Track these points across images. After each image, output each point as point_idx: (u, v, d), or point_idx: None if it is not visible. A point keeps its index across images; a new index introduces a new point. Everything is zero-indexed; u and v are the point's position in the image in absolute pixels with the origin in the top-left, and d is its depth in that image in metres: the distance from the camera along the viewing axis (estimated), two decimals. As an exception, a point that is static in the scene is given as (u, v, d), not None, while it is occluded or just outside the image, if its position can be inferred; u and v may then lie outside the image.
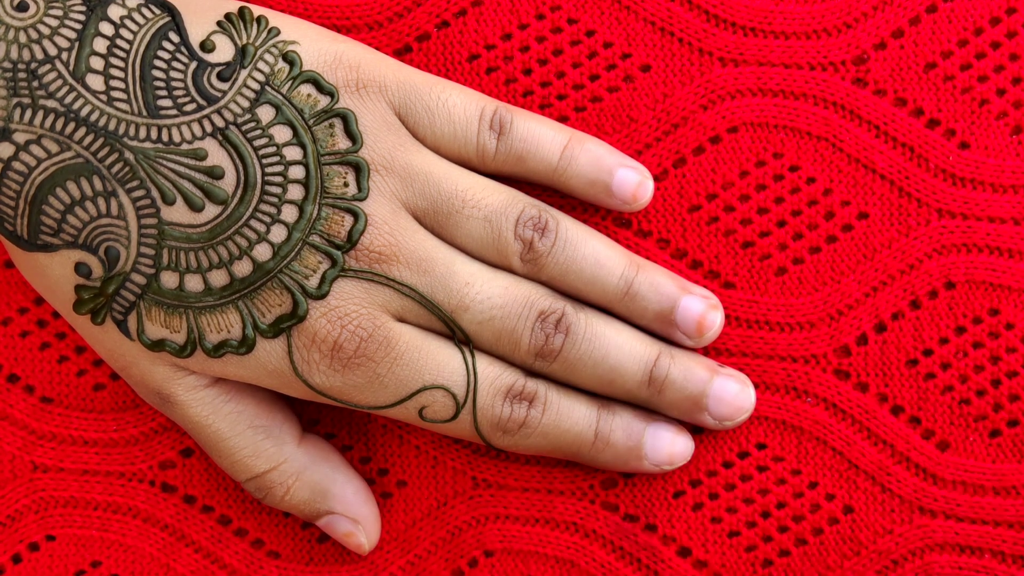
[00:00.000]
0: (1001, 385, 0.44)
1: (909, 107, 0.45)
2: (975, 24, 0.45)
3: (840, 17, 0.45)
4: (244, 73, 0.39)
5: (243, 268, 0.39)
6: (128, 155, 0.38)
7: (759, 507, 0.45)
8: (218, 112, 0.39)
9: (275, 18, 0.41)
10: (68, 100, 0.38)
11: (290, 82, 0.40)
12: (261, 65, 0.40)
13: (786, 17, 0.45)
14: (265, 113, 0.39)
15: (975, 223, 0.44)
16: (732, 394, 0.44)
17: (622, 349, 0.42)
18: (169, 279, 0.39)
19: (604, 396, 0.43)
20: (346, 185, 0.40)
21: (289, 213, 0.39)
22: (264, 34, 0.40)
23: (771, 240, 0.45)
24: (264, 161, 0.39)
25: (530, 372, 0.42)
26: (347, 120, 0.40)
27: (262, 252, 0.39)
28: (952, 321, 0.45)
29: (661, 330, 0.43)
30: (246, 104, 0.39)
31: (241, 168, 0.39)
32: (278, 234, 0.39)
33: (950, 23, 0.45)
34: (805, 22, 0.45)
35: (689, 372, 0.43)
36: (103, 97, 0.38)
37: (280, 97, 0.39)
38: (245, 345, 0.40)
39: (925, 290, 0.45)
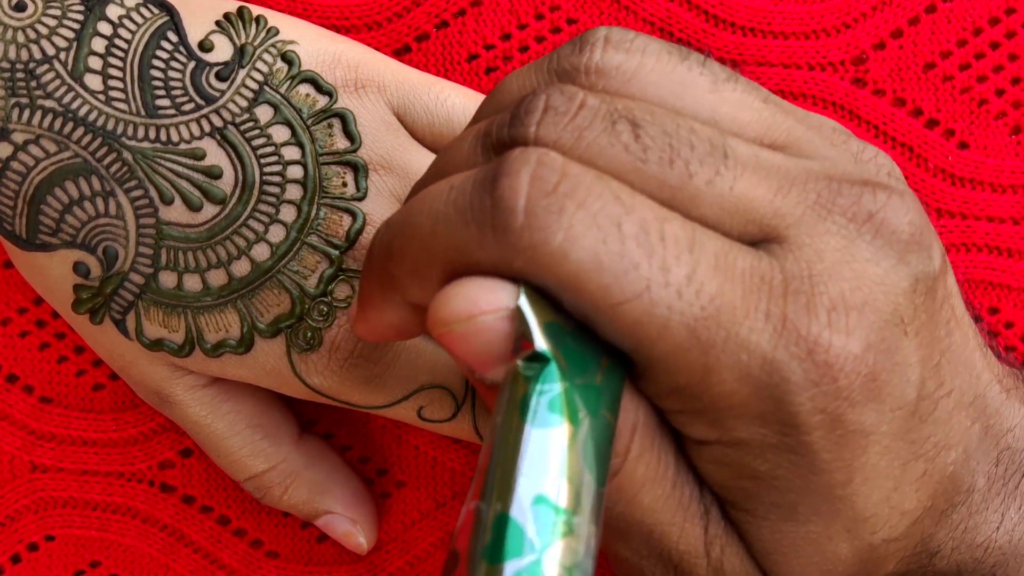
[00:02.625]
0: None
1: (908, 107, 0.45)
2: (974, 24, 0.45)
3: (839, 17, 0.45)
4: (243, 73, 0.39)
5: (241, 268, 0.39)
6: (126, 155, 0.38)
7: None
8: (216, 112, 0.39)
9: (274, 18, 0.41)
10: (66, 100, 0.38)
11: (288, 82, 0.40)
12: (260, 65, 0.40)
13: (785, 17, 0.45)
14: (263, 113, 0.39)
15: (974, 223, 0.44)
16: None
17: None
18: (167, 279, 0.39)
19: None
20: (344, 185, 0.40)
21: (287, 213, 0.39)
22: (263, 34, 0.40)
23: (770, 240, 0.45)
24: (262, 161, 0.39)
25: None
26: (345, 120, 0.40)
27: (260, 252, 0.39)
28: (951, 321, 0.45)
29: None
30: (244, 104, 0.39)
31: (239, 168, 0.39)
32: (276, 234, 0.39)
33: (949, 23, 0.45)
34: (804, 22, 0.45)
35: None
36: (101, 97, 0.38)
37: (278, 97, 0.39)
38: (243, 345, 0.40)
39: (924, 290, 0.45)
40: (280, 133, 0.39)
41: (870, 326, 0.30)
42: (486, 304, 0.29)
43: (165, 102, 0.39)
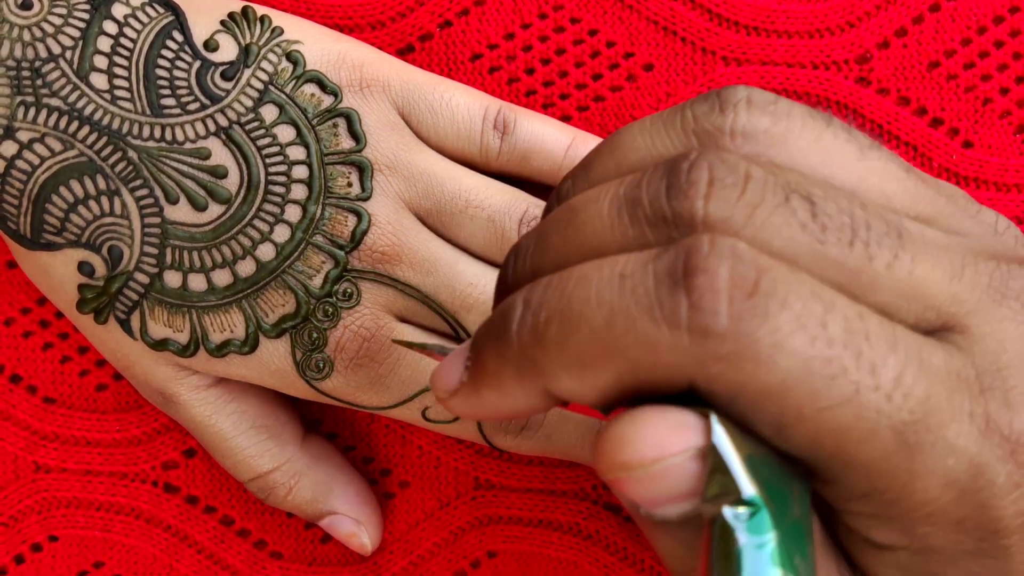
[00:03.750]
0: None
1: (912, 106, 0.45)
2: (978, 23, 0.45)
3: (843, 16, 0.45)
4: (248, 72, 0.39)
5: (246, 268, 0.39)
6: (131, 154, 0.38)
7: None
8: (222, 111, 0.39)
9: (278, 18, 0.41)
10: (72, 99, 0.38)
11: (294, 81, 0.40)
12: (265, 64, 0.40)
13: (789, 16, 0.45)
14: (269, 112, 0.39)
15: (979, 222, 0.44)
16: None
17: None
18: (172, 278, 0.39)
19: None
20: (349, 185, 0.40)
21: (292, 213, 0.39)
22: (267, 33, 0.40)
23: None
24: (267, 161, 0.39)
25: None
26: (351, 120, 0.40)
27: (265, 252, 0.39)
28: (955, 320, 0.45)
29: None
30: (250, 103, 0.39)
31: (244, 167, 0.39)
32: (281, 234, 0.39)
33: (953, 22, 0.45)
34: (808, 21, 0.45)
35: None
36: (107, 96, 0.38)
37: (284, 96, 0.39)
38: (248, 345, 0.39)
39: (928, 289, 0.45)
40: (285, 133, 0.39)
41: None
42: (674, 445, 0.27)
43: (170, 101, 0.39)
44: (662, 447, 0.26)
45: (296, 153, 0.39)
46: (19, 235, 0.39)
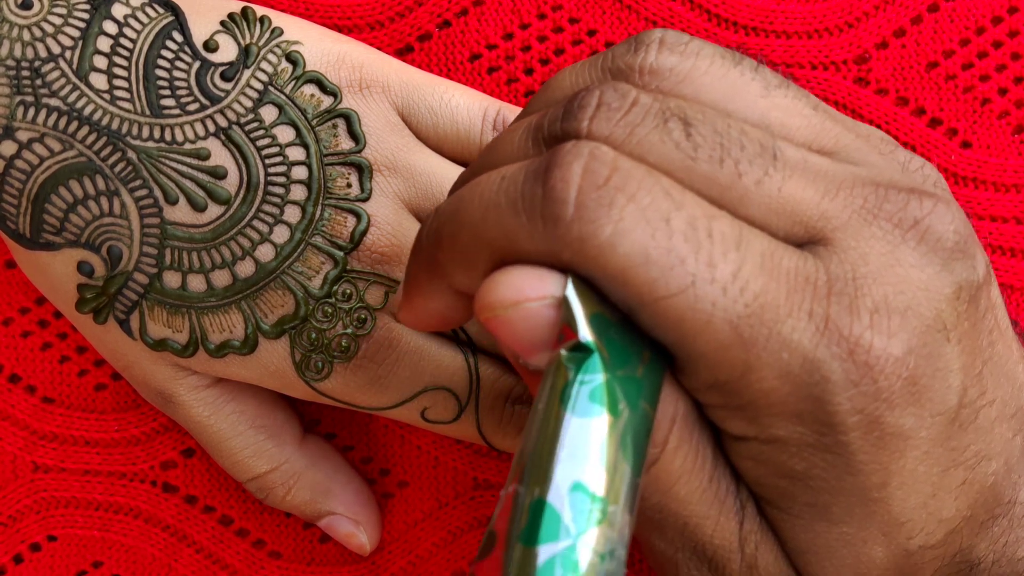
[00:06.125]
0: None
1: (911, 106, 0.45)
2: (977, 23, 0.45)
3: (842, 16, 0.45)
4: (247, 73, 0.39)
5: (246, 268, 0.39)
6: (131, 154, 0.38)
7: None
8: (221, 112, 0.39)
9: (278, 18, 0.41)
10: (71, 99, 0.38)
11: (293, 82, 0.40)
12: (264, 65, 0.39)
13: (788, 16, 0.45)
14: (268, 113, 0.39)
15: (977, 222, 0.45)
16: None
17: None
18: (172, 279, 0.39)
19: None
20: (349, 186, 0.40)
21: (292, 214, 0.39)
22: (267, 34, 0.40)
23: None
24: (267, 161, 0.39)
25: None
26: (350, 120, 0.40)
27: (265, 252, 0.39)
28: (954, 321, 0.45)
29: None
30: (249, 104, 0.39)
31: (244, 168, 0.39)
32: (281, 234, 0.39)
33: (952, 22, 0.45)
34: (807, 21, 0.45)
35: None
36: (106, 96, 0.38)
37: (283, 97, 0.39)
38: (247, 346, 0.39)
39: (927, 290, 0.45)
40: (285, 133, 0.39)
41: (912, 330, 0.30)
42: (532, 291, 0.29)
43: (170, 102, 0.39)
44: (521, 291, 0.29)
45: (295, 154, 0.39)
46: (18, 235, 0.39)
